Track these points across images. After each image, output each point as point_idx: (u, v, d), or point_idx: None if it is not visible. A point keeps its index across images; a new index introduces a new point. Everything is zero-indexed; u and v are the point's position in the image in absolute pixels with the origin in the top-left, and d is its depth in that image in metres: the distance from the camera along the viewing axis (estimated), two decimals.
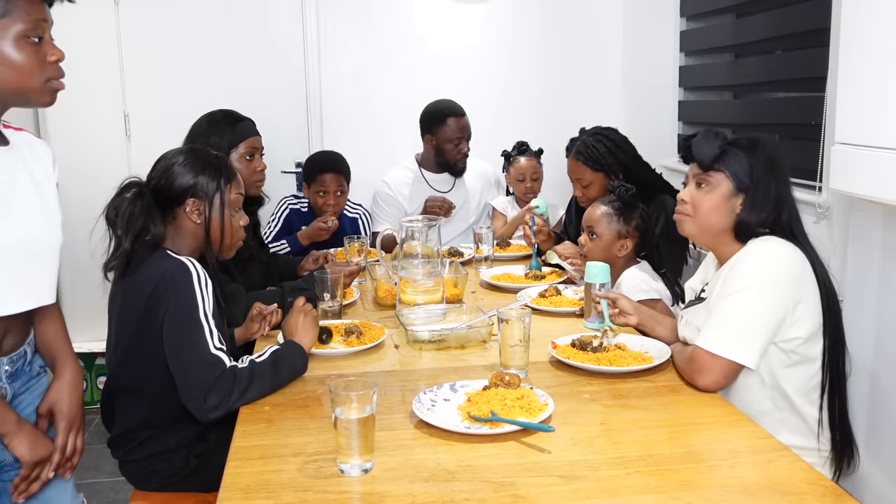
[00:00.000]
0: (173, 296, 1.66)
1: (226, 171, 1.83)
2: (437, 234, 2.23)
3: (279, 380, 1.68)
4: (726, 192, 1.74)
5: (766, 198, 1.71)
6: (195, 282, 1.67)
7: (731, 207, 1.74)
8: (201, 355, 1.62)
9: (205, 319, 1.65)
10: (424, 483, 1.28)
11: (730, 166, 1.73)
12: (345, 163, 3.20)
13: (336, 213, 3.13)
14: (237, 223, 1.86)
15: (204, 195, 1.78)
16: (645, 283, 2.27)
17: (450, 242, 3.20)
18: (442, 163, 3.35)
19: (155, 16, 3.58)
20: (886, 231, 1.90)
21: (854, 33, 1.80)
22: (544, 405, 1.52)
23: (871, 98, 1.74)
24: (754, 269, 1.68)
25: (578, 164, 2.69)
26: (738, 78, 2.93)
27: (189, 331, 1.64)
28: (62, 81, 1.55)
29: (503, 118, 3.76)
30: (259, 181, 2.44)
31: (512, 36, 3.82)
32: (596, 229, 2.35)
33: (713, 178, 1.75)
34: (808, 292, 1.69)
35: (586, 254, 2.37)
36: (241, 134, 2.39)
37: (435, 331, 1.97)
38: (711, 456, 1.38)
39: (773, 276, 1.67)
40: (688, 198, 1.79)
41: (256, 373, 1.64)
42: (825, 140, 2.11)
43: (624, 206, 2.33)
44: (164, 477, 1.78)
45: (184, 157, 1.80)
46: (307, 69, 3.70)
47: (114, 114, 3.63)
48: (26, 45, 1.45)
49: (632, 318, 1.96)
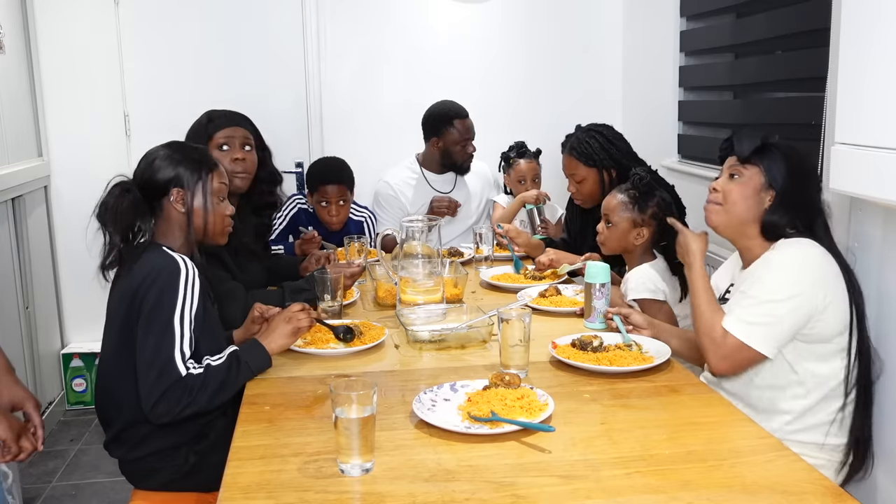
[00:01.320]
0: (155, 293, 1.67)
1: (207, 161, 1.86)
2: (437, 234, 2.23)
3: (234, 383, 1.70)
4: (758, 185, 1.79)
5: (796, 201, 1.76)
6: (181, 281, 1.68)
7: (760, 201, 1.78)
8: (158, 361, 1.63)
9: (178, 323, 1.66)
10: (425, 483, 1.28)
11: (766, 162, 1.79)
12: (347, 171, 3.17)
13: (340, 223, 3.14)
14: (222, 211, 1.88)
15: (186, 185, 1.80)
16: (652, 282, 2.27)
17: (450, 243, 3.21)
18: (446, 164, 3.36)
19: (155, 15, 3.58)
20: (886, 231, 1.90)
21: (854, 33, 1.79)
22: (544, 405, 1.52)
23: (871, 98, 1.74)
24: (784, 268, 1.72)
25: (572, 159, 2.71)
26: (738, 78, 2.93)
27: (156, 333, 1.65)
28: None
29: (503, 118, 3.77)
30: (239, 172, 2.33)
31: (511, 36, 3.82)
32: (612, 218, 2.36)
33: (747, 170, 1.80)
34: (837, 294, 1.73)
35: (603, 242, 2.39)
36: (215, 126, 2.35)
37: (435, 331, 1.97)
38: (711, 456, 1.38)
39: (802, 275, 1.71)
40: (719, 187, 1.84)
41: (210, 378, 1.65)
42: (825, 140, 2.11)
43: (640, 194, 2.33)
44: (165, 475, 1.78)
45: (165, 151, 1.84)
46: (307, 69, 3.70)
47: (114, 114, 3.63)
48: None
49: (645, 332, 1.96)
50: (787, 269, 1.73)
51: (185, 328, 1.66)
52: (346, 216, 3.18)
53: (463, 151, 3.31)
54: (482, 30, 3.80)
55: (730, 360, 1.72)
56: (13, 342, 3.10)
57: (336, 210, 3.11)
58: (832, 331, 1.73)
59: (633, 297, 2.27)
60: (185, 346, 1.65)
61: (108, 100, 3.62)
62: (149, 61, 3.61)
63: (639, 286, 2.26)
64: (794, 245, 1.75)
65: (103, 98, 3.60)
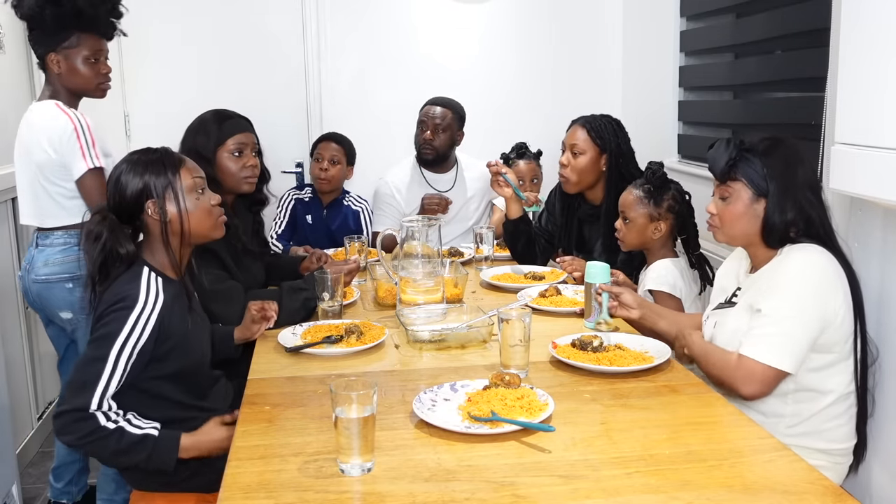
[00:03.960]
0: (106, 319, 1.66)
1: (170, 161, 1.78)
2: (437, 234, 2.23)
3: (132, 459, 1.67)
4: (747, 199, 1.76)
5: (787, 198, 1.73)
6: (133, 315, 1.66)
7: (755, 213, 1.76)
8: (79, 380, 1.63)
9: (115, 356, 1.63)
10: (425, 483, 1.28)
11: (745, 174, 1.75)
12: (346, 139, 3.35)
13: (329, 184, 3.29)
14: (205, 205, 1.81)
15: (155, 193, 1.74)
16: (673, 277, 2.28)
17: (450, 243, 3.20)
18: None
19: (155, 16, 3.58)
20: (886, 231, 1.90)
21: (854, 33, 1.79)
22: (544, 405, 1.52)
23: (871, 98, 1.74)
24: (798, 281, 1.70)
25: (580, 129, 2.67)
26: (738, 78, 2.93)
27: (90, 358, 1.65)
28: (109, 85, 2.57)
29: (502, 118, 3.76)
30: (249, 177, 2.37)
31: (511, 36, 3.82)
32: (628, 214, 2.36)
33: (732, 188, 1.78)
34: (844, 300, 1.72)
35: (622, 238, 2.40)
36: (228, 131, 2.35)
37: (435, 331, 1.97)
38: (711, 456, 1.38)
39: (814, 287, 1.69)
40: (714, 210, 1.83)
41: (117, 438, 1.63)
42: (825, 140, 2.11)
43: (654, 188, 2.33)
44: (165, 477, 1.77)
45: (126, 165, 1.78)
46: (307, 69, 3.70)
47: (114, 114, 3.62)
48: (87, 63, 2.44)
49: (634, 312, 1.97)
50: (796, 284, 1.70)
51: (120, 364, 1.64)
52: (338, 181, 3.33)
53: (419, 137, 3.29)
54: (482, 30, 3.79)
55: (756, 384, 1.68)
56: (13, 342, 3.10)
57: (327, 166, 3.27)
58: (840, 337, 1.72)
59: (651, 286, 2.29)
60: (111, 383, 1.63)
61: (108, 100, 3.60)
62: (149, 61, 3.61)
63: (659, 278, 2.28)
64: (801, 254, 1.72)
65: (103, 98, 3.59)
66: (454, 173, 3.39)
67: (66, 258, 2.39)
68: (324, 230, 3.31)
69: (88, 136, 2.34)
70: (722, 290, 1.93)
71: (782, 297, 1.69)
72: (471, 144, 3.40)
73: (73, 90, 2.44)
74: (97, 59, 2.43)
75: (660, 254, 2.36)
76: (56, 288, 2.39)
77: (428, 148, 3.27)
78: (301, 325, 2.09)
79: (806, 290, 1.70)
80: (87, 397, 1.61)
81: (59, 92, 2.43)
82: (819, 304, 1.69)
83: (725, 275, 1.96)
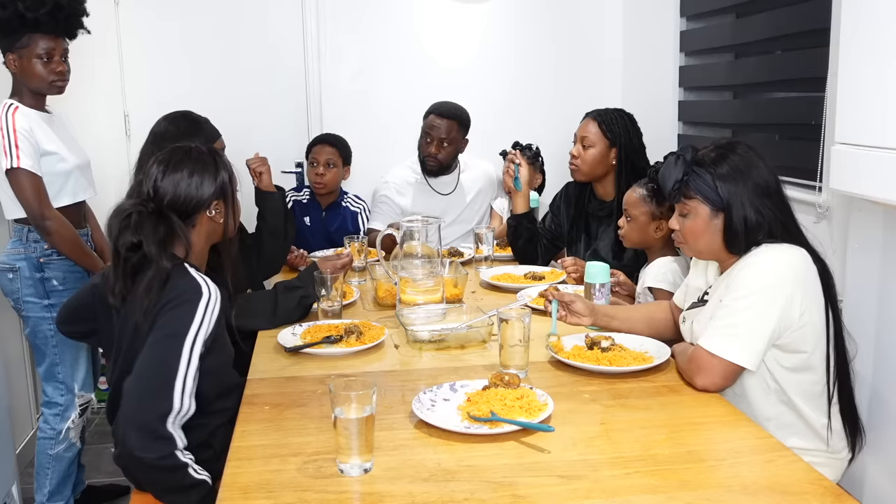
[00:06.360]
0: (161, 318, 1.55)
1: (223, 160, 1.76)
2: (437, 234, 2.23)
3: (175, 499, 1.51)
4: (705, 215, 1.75)
5: (745, 208, 1.70)
6: (199, 306, 1.56)
7: (716, 228, 1.74)
8: (157, 400, 1.46)
9: (188, 352, 1.51)
10: (424, 483, 1.28)
11: (699, 189, 1.73)
12: (342, 140, 3.32)
13: (326, 187, 3.27)
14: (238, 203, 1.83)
15: (226, 192, 1.73)
16: (672, 274, 2.29)
17: (450, 243, 3.20)
18: None
19: (155, 16, 3.58)
20: (886, 231, 1.90)
21: (854, 33, 1.79)
22: (544, 405, 1.52)
23: (871, 98, 1.73)
24: (761, 275, 1.67)
25: (592, 122, 2.71)
26: (738, 78, 2.93)
27: (154, 364, 1.50)
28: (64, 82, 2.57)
29: (503, 118, 3.76)
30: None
31: (511, 36, 3.82)
32: (631, 212, 2.38)
33: (689, 205, 1.76)
34: (814, 299, 1.69)
35: (624, 235, 2.41)
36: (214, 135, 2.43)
37: (435, 331, 1.97)
38: (711, 456, 1.38)
39: (779, 283, 1.66)
40: (676, 226, 1.83)
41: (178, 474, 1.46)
42: (825, 140, 2.11)
43: (658, 187, 2.33)
44: None
45: (190, 165, 1.70)
46: (307, 69, 3.70)
47: (114, 114, 3.62)
48: (41, 62, 2.48)
49: (585, 320, 1.95)
50: (760, 278, 1.67)
51: (194, 358, 1.52)
52: (335, 184, 3.31)
53: (424, 148, 3.27)
54: (482, 30, 3.79)
55: (707, 375, 1.64)
56: (13, 342, 3.10)
57: (322, 170, 3.24)
58: (811, 335, 1.69)
59: (651, 284, 2.30)
60: (187, 381, 1.49)
61: (108, 100, 3.61)
62: (149, 61, 3.61)
63: (659, 275, 2.29)
64: (770, 251, 1.70)
65: (103, 98, 3.60)
66: (455, 176, 3.39)
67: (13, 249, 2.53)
68: (322, 232, 3.31)
69: (12, 135, 2.38)
70: (695, 290, 1.92)
71: (745, 291, 1.67)
72: (471, 144, 3.39)
73: (30, 88, 2.51)
74: (50, 57, 2.47)
75: (661, 253, 2.37)
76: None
77: (432, 161, 3.28)
78: (301, 325, 2.09)
79: (769, 283, 1.66)
80: (166, 400, 1.46)
81: (21, 89, 2.52)
82: (782, 299, 1.65)
83: (698, 275, 1.94)
